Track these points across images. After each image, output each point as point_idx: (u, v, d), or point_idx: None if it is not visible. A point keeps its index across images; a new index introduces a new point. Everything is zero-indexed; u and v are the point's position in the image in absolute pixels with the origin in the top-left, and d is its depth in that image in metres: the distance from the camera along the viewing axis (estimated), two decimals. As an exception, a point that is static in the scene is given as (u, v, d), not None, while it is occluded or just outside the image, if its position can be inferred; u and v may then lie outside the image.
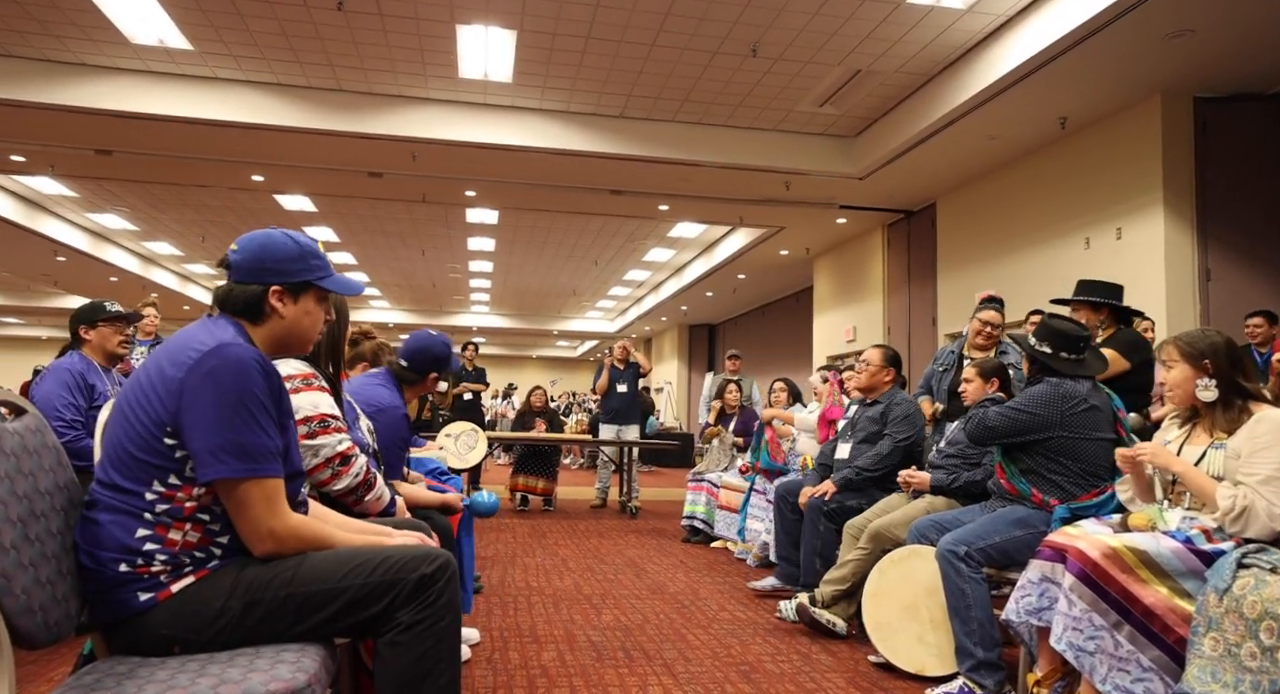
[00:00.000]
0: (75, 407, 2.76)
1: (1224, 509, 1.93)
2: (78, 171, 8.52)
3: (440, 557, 1.40)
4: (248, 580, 1.30)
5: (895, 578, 2.73)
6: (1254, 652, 1.67)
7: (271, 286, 1.44)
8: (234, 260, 1.45)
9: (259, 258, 1.44)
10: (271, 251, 1.45)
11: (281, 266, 1.45)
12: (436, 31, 5.84)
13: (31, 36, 6.02)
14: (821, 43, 5.86)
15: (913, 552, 2.75)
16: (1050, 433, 2.54)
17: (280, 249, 1.46)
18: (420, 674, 1.34)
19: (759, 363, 15.15)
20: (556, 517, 6.54)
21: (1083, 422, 2.54)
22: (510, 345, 26.28)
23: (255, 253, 1.45)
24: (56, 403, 2.76)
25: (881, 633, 2.70)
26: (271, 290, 1.44)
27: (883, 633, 2.70)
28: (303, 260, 1.47)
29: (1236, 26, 4.78)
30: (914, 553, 2.74)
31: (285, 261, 1.46)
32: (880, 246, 9.73)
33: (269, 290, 1.44)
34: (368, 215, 10.70)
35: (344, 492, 1.90)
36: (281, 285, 1.45)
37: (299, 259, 1.47)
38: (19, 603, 1.11)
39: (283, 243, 1.47)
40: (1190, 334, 2.20)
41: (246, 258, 1.44)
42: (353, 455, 1.90)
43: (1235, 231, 5.59)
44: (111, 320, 3.05)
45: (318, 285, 1.50)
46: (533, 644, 2.88)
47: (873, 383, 3.70)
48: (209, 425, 1.27)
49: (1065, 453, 2.54)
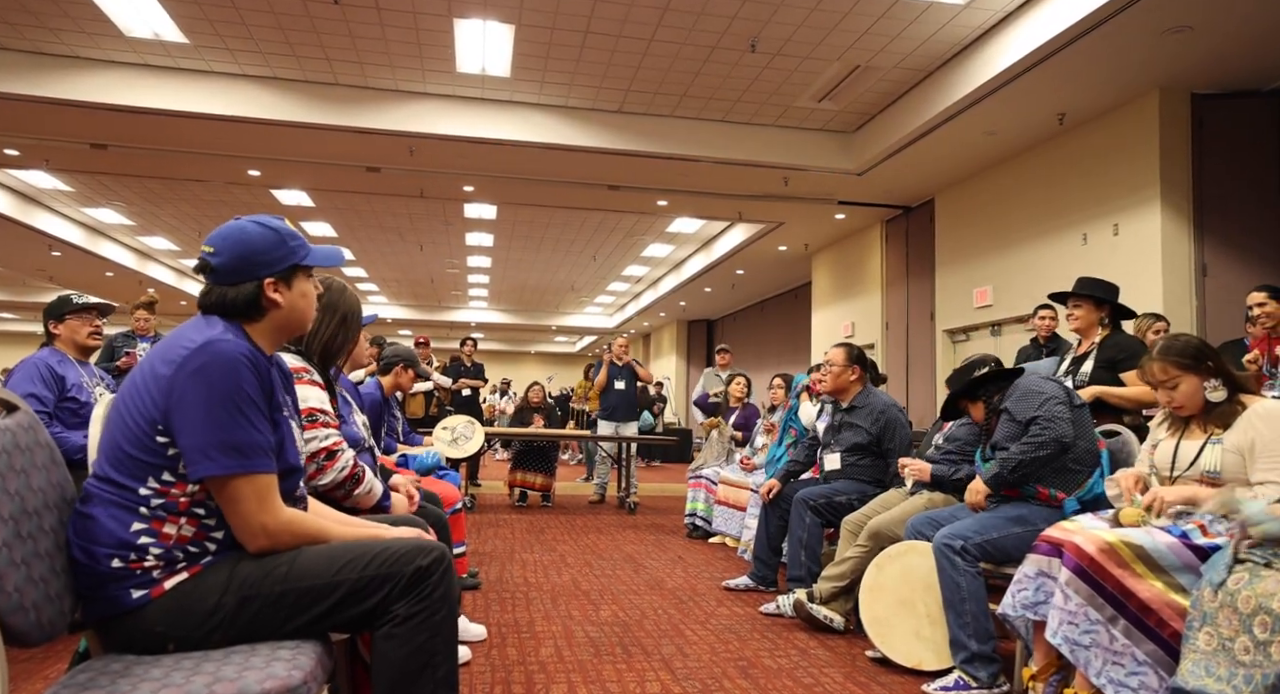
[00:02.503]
0: (38, 398, 2.73)
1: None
2: (72, 166, 8.49)
3: (436, 550, 1.40)
4: (242, 576, 1.30)
5: (892, 573, 2.74)
6: (1247, 646, 1.68)
7: (265, 280, 1.43)
8: (216, 264, 1.41)
9: (242, 255, 1.42)
10: (253, 246, 1.43)
11: (267, 258, 1.43)
12: (434, 25, 5.82)
13: (25, 29, 5.99)
14: (820, 38, 5.84)
15: (909, 547, 2.75)
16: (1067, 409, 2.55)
17: (260, 240, 1.44)
18: (417, 666, 1.34)
19: (757, 358, 15.16)
20: (555, 512, 6.54)
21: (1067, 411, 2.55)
22: (508, 341, 26.27)
23: (236, 250, 1.42)
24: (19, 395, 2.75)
25: (878, 628, 2.71)
26: (266, 284, 1.43)
27: (879, 628, 2.71)
28: (284, 245, 1.46)
29: (1234, 23, 4.77)
30: (910, 548, 2.75)
31: (268, 252, 1.44)
32: (878, 242, 9.73)
33: (263, 285, 1.43)
34: (365, 210, 10.68)
35: (330, 486, 1.89)
36: (274, 277, 1.44)
37: (280, 245, 1.45)
38: (11, 601, 1.11)
39: (260, 233, 1.44)
40: (1174, 346, 2.15)
41: (229, 258, 1.41)
42: (338, 450, 1.89)
43: (1232, 227, 5.59)
44: (79, 312, 3.00)
45: (303, 265, 1.49)
46: (530, 640, 2.88)
47: (839, 385, 3.63)
48: (198, 423, 1.27)
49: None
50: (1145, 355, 2.26)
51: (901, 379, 8.87)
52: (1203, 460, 2.08)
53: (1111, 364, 3.10)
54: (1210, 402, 2.10)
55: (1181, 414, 2.18)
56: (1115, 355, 3.11)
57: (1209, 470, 2.06)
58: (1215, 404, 2.10)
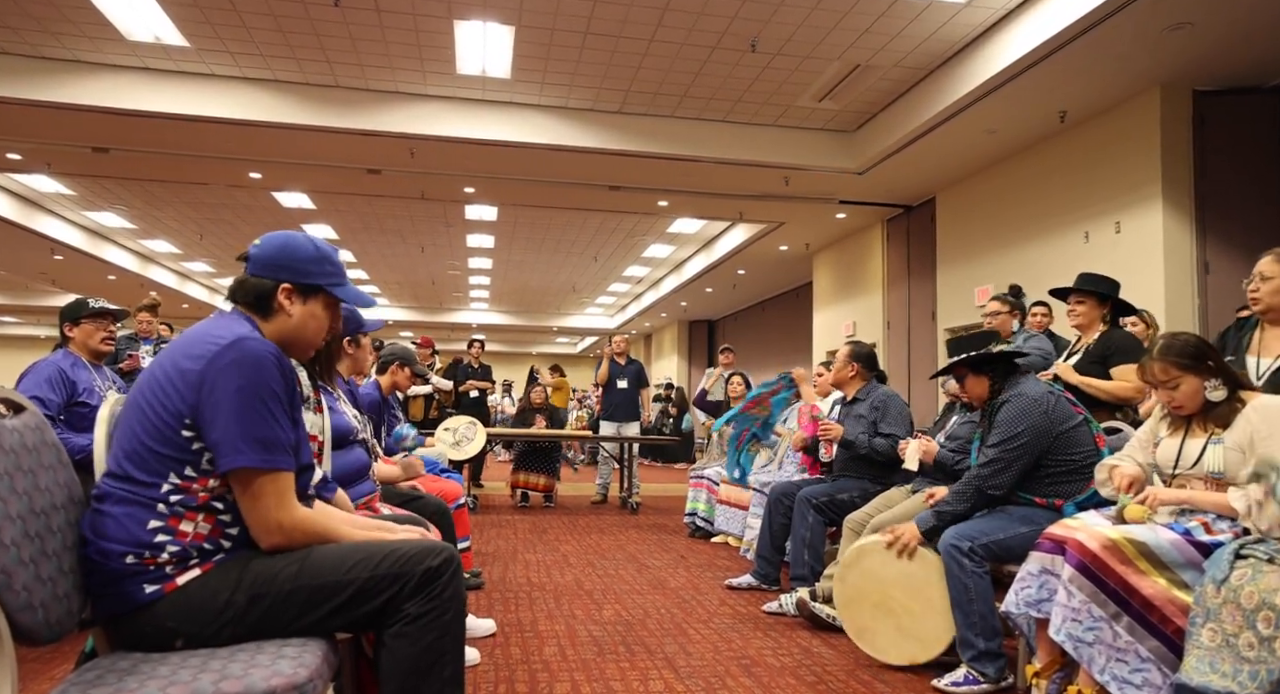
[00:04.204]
0: (42, 401, 2.74)
1: (1242, 511, 1.92)
2: (74, 169, 8.51)
3: (445, 551, 1.42)
4: (254, 574, 1.31)
5: (856, 582, 2.73)
6: (1251, 642, 1.68)
7: (282, 284, 1.46)
8: (254, 253, 1.48)
9: (277, 254, 1.47)
10: (290, 250, 1.48)
11: (296, 265, 1.48)
12: (434, 27, 5.83)
13: (26, 33, 6.01)
14: (820, 37, 5.84)
15: (860, 551, 2.74)
16: (1045, 442, 2.53)
17: (299, 249, 1.49)
18: (426, 665, 1.36)
19: (759, 358, 15.16)
20: (557, 513, 6.55)
21: (1061, 416, 2.56)
22: (510, 342, 26.28)
23: (275, 249, 1.48)
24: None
25: (865, 638, 2.71)
26: (281, 287, 1.46)
27: (866, 637, 2.71)
28: (318, 264, 1.50)
29: (1235, 19, 4.77)
30: (861, 552, 2.74)
31: (301, 261, 1.48)
32: (880, 241, 9.73)
33: (279, 286, 1.46)
34: (366, 212, 10.69)
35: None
36: (292, 284, 1.47)
37: (315, 262, 1.49)
38: (19, 599, 1.11)
39: (303, 244, 1.50)
40: (1173, 345, 2.13)
41: (266, 251, 1.48)
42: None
43: (1234, 225, 5.59)
44: (95, 317, 3.03)
45: (328, 292, 1.51)
46: (534, 639, 2.89)
47: (839, 378, 3.82)
48: (230, 416, 1.29)
49: (1055, 452, 2.54)
50: (1144, 354, 2.26)
51: (903, 378, 8.86)
52: (1205, 461, 2.07)
53: (1102, 359, 3.11)
54: (1210, 401, 2.09)
55: (1181, 414, 2.17)
56: (1106, 351, 3.12)
57: (1213, 471, 2.05)
58: (1215, 404, 2.09)
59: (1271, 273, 2.53)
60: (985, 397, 2.74)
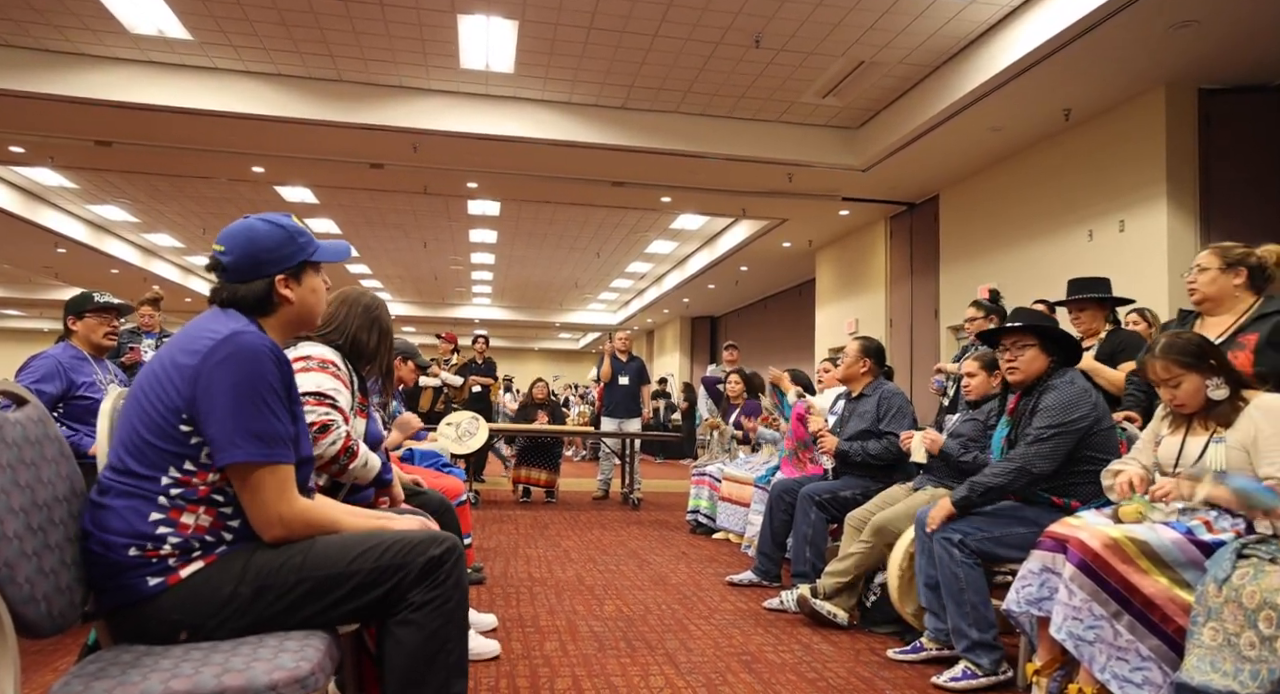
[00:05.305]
0: (40, 393, 2.74)
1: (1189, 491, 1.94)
2: (77, 163, 8.51)
3: (448, 540, 1.43)
4: (258, 566, 1.32)
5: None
6: (1253, 641, 1.68)
7: (276, 277, 1.46)
8: (227, 262, 1.45)
9: (252, 253, 1.45)
10: (262, 243, 1.46)
11: (276, 255, 1.47)
12: (438, 21, 5.82)
13: (30, 26, 6.00)
14: (825, 34, 5.83)
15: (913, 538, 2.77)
16: (1091, 431, 2.49)
17: (269, 238, 1.47)
18: (431, 652, 1.37)
19: (761, 355, 15.15)
20: (559, 508, 6.56)
21: (1103, 412, 2.54)
22: (512, 337, 26.29)
23: (246, 249, 1.45)
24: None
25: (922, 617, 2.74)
26: (277, 281, 1.47)
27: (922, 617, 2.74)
28: (292, 242, 1.49)
29: (1241, 18, 4.75)
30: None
31: (277, 249, 1.47)
32: (883, 239, 9.71)
33: (274, 281, 1.46)
34: (369, 207, 10.69)
35: (324, 461, 1.88)
36: (284, 273, 1.47)
37: (289, 242, 1.49)
38: (22, 592, 1.12)
39: (268, 231, 1.48)
40: (1175, 344, 2.12)
41: (239, 256, 1.45)
42: (330, 425, 1.89)
43: (1239, 224, 5.56)
44: (99, 311, 3.04)
45: (312, 261, 1.52)
46: (535, 634, 2.89)
47: (849, 374, 3.78)
48: (225, 411, 1.29)
49: (1092, 447, 2.50)
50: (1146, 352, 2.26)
51: (906, 376, 8.85)
52: (1207, 459, 2.07)
53: (1110, 357, 3.13)
54: (1212, 400, 2.09)
55: (1183, 412, 2.17)
56: (1114, 349, 3.16)
57: (1215, 468, 2.05)
58: (1217, 402, 2.09)
59: (1208, 264, 2.58)
60: (1031, 378, 2.62)
